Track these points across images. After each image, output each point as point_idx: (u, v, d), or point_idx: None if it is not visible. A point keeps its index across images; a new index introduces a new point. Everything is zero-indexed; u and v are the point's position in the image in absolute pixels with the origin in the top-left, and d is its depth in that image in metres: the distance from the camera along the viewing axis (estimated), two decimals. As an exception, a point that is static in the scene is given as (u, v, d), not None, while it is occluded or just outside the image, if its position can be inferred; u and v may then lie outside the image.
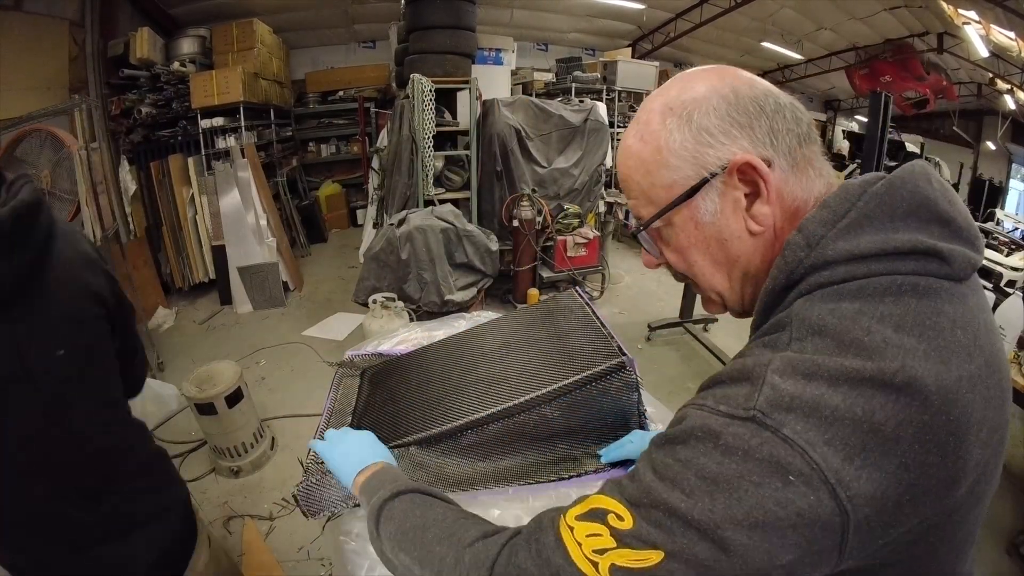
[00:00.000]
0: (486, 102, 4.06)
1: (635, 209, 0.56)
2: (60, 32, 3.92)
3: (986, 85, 7.76)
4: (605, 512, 0.43)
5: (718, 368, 1.99)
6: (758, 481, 0.37)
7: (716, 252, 0.53)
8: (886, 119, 5.82)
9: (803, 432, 0.37)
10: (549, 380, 0.89)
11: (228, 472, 2.36)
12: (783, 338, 0.44)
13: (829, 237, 0.45)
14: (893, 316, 0.40)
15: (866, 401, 0.37)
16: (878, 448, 0.37)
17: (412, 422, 0.93)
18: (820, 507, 0.36)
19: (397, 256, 3.29)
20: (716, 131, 0.49)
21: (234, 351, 3.49)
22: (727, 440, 0.39)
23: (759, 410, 0.39)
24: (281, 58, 5.88)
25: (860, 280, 0.43)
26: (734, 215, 0.50)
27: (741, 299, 0.55)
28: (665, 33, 7.76)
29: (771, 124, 0.49)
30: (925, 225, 0.44)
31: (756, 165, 0.47)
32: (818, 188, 0.51)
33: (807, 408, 0.38)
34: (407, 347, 1.28)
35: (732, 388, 0.43)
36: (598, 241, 4.23)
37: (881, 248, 0.43)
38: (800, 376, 0.40)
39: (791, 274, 0.46)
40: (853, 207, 0.45)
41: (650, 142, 0.52)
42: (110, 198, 3.92)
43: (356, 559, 0.76)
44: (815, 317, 0.43)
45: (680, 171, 0.50)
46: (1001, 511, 2.22)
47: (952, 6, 5.53)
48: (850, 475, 0.36)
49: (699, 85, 0.51)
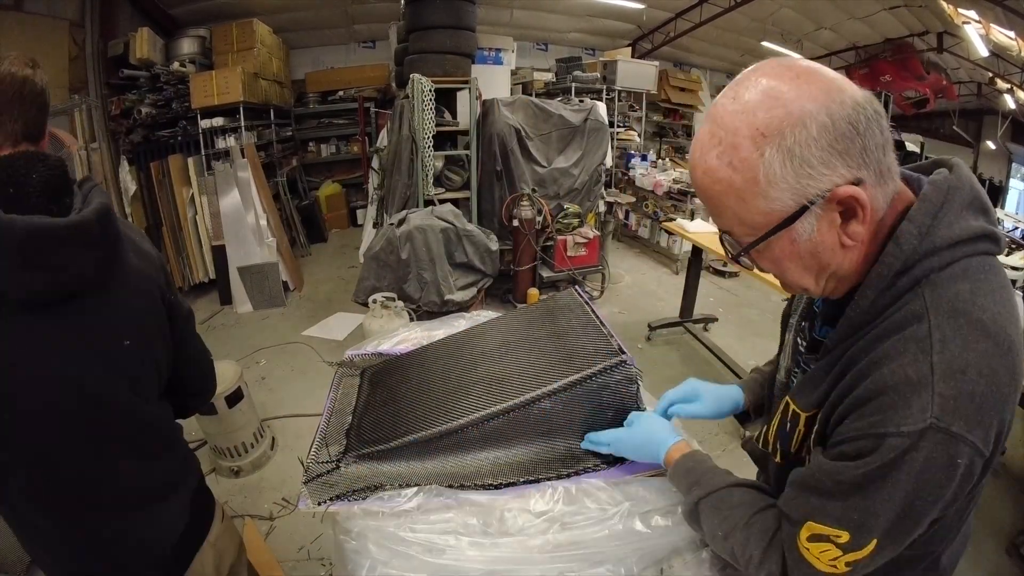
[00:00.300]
0: (486, 102, 4.06)
1: (724, 226, 0.59)
2: (60, 32, 3.92)
3: (986, 85, 7.75)
4: (827, 536, 0.56)
5: (718, 368, 2.07)
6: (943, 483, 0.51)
7: (809, 262, 0.57)
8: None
9: (966, 426, 0.49)
10: (549, 379, 0.90)
11: (228, 472, 2.36)
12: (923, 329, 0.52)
13: (934, 226, 0.53)
14: (992, 291, 0.52)
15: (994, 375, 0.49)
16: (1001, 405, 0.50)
17: (412, 421, 0.93)
18: (974, 467, 0.51)
19: (397, 256, 3.29)
20: (817, 163, 0.50)
21: (234, 351, 3.49)
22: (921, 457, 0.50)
23: (935, 417, 0.49)
24: (281, 58, 5.88)
25: (961, 262, 0.53)
26: (829, 233, 0.54)
27: (823, 290, 0.61)
28: (665, 33, 7.76)
29: (864, 143, 0.50)
30: (982, 214, 0.55)
31: (858, 197, 0.51)
32: (892, 188, 0.55)
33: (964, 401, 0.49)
34: (407, 347, 1.28)
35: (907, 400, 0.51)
36: (598, 241, 4.23)
37: (969, 233, 0.53)
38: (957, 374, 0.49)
39: (907, 260, 0.54)
40: (945, 200, 0.54)
41: (743, 171, 0.52)
42: (110, 198, 3.93)
43: (357, 559, 0.76)
44: (946, 303, 0.52)
45: (780, 201, 0.52)
46: (1001, 511, 2.22)
47: (952, 6, 5.53)
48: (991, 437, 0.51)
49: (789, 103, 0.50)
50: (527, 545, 0.76)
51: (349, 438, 0.98)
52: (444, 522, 0.80)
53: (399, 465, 0.90)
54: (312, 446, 0.97)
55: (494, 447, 0.91)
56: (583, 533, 0.77)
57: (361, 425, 1.00)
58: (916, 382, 0.50)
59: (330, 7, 5.98)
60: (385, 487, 0.85)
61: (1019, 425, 2.88)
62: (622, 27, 7.95)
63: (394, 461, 0.91)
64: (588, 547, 0.75)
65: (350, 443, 0.97)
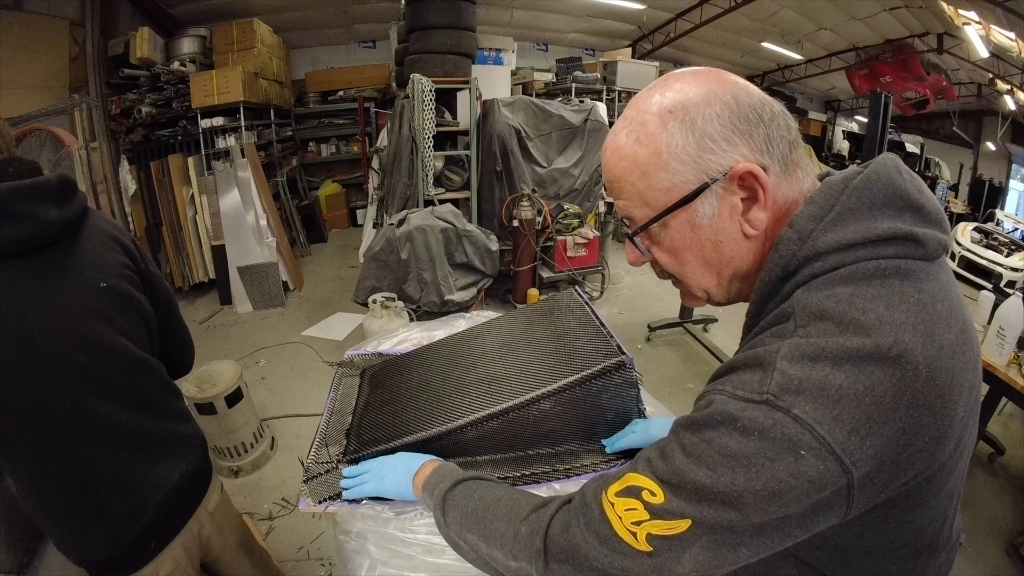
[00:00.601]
0: (486, 102, 4.06)
1: (625, 210, 0.57)
2: (60, 32, 3.92)
3: (986, 85, 7.76)
4: (640, 489, 0.49)
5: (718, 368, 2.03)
6: (773, 457, 0.43)
7: (710, 254, 0.55)
8: (886, 119, 5.81)
9: (811, 412, 0.42)
10: (549, 379, 0.89)
11: (228, 472, 2.36)
12: (788, 327, 0.48)
13: (819, 230, 0.49)
14: (882, 296, 0.45)
15: (867, 377, 0.42)
16: (879, 418, 0.42)
17: (412, 422, 0.93)
18: (828, 474, 0.42)
19: (397, 256, 3.29)
20: (719, 137, 0.50)
21: (234, 351, 3.49)
22: (744, 422, 0.44)
23: (771, 394, 0.44)
24: (281, 58, 5.88)
25: (850, 266, 0.48)
26: (730, 219, 0.53)
27: (727, 293, 0.59)
28: (665, 33, 7.77)
29: (767, 131, 0.51)
30: (900, 213, 0.49)
31: (757, 174, 0.50)
32: (805, 186, 0.55)
33: (815, 389, 0.43)
34: (407, 347, 1.28)
35: (747, 374, 0.47)
36: (598, 241, 4.23)
37: (865, 236, 0.48)
38: (807, 360, 0.44)
39: (786, 266, 0.51)
40: (837, 202, 0.50)
41: (648, 144, 0.52)
42: (110, 198, 3.93)
43: (356, 559, 0.76)
44: (815, 304, 0.47)
45: (680, 175, 0.52)
46: (1001, 511, 2.23)
47: (952, 6, 5.54)
48: (855, 444, 0.42)
49: (697, 88, 0.52)
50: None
51: (349, 438, 0.98)
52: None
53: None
54: (312, 446, 0.97)
55: (494, 447, 0.91)
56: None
57: (361, 425, 1.00)
58: (763, 358, 0.47)
59: (330, 7, 5.98)
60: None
61: (1019, 425, 2.89)
62: (622, 27, 7.95)
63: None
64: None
65: (350, 443, 0.96)
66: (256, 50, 5.01)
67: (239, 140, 4.53)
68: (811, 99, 11.22)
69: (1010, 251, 5.85)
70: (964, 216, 7.71)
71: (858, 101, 10.10)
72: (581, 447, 0.94)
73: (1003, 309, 1.93)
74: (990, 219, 7.21)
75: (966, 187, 9.37)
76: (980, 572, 1.95)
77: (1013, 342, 1.90)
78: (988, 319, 2.01)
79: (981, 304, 2.09)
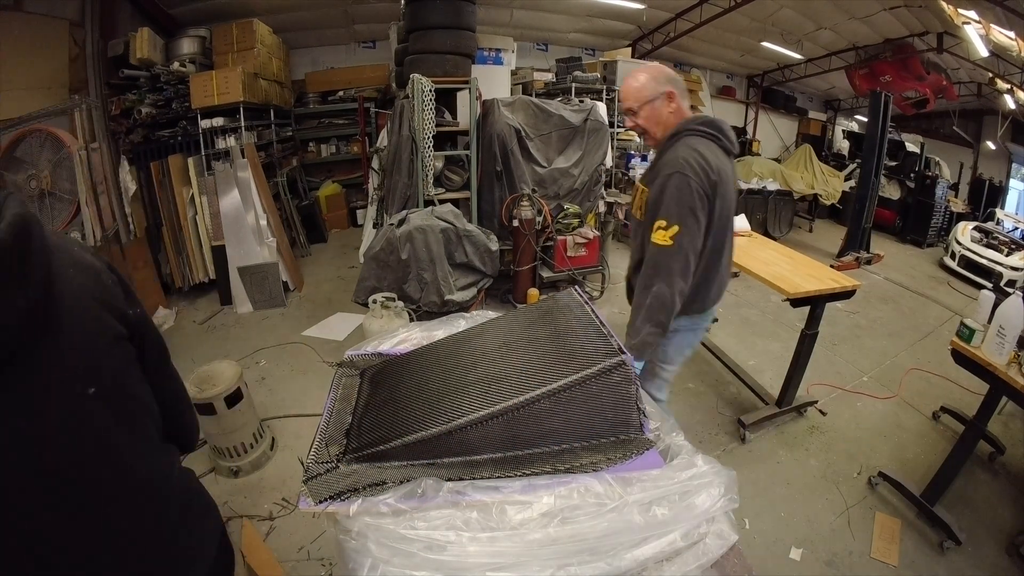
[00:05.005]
0: (486, 102, 4.06)
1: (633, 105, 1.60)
2: (60, 32, 3.92)
3: (986, 85, 7.76)
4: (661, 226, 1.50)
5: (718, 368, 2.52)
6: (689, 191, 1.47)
7: (657, 122, 1.61)
8: (886, 119, 5.80)
9: (692, 172, 1.47)
10: (549, 379, 0.90)
11: (228, 472, 2.36)
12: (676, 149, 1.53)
13: (686, 121, 1.59)
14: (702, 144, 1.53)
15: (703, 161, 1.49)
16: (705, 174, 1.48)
17: (412, 421, 0.93)
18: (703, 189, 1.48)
19: (397, 256, 3.30)
20: (664, 82, 1.58)
21: (234, 351, 3.49)
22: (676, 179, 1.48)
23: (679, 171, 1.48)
24: (281, 58, 5.88)
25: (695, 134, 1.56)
26: (665, 109, 1.59)
27: (660, 139, 1.62)
28: (665, 33, 7.75)
29: (676, 85, 1.59)
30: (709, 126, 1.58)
31: (674, 95, 1.59)
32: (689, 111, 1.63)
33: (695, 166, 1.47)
34: (407, 347, 1.28)
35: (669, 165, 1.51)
36: (598, 241, 4.23)
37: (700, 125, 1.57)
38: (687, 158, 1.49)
39: (676, 131, 1.59)
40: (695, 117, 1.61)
41: (644, 84, 1.58)
42: (110, 198, 3.92)
43: (357, 558, 0.76)
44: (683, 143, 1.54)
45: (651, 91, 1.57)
46: (1001, 511, 2.23)
47: (952, 6, 5.53)
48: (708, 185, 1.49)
49: (656, 71, 1.60)
50: (527, 539, 0.76)
51: (349, 438, 0.98)
52: (444, 519, 0.79)
53: (399, 465, 0.90)
54: (312, 446, 0.97)
55: (494, 447, 0.91)
56: (583, 527, 0.77)
57: (361, 425, 1.00)
58: (674, 159, 1.49)
59: (330, 7, 5.98)
60: (387, 485, 0.85)
61: (1019, 425, 2.89)
62: (622, 27, 7.94)
63: (394, 461, 0.91)
64: (588, 540, 0.76)
65: (350, 443, 0.97)
66: (256, 50, 5.01)
67: (239, 140, 4.53)
68: (811, 98, 11.21)
69: (1010, 250, 5.85)
70: (964, 215, 7.69)
71: (858, 100, 10.08)
72: (581, 446, 0.94)
73: (1003, 308, 1.92)
74: (990, 218, 7.21)
75: (966, 186, 9.35)
76: (980, 572, 1.95)
77: (1013, 341, 1.89)
78: (988, 318, 2.00)
79: (981, 303, 2.07)
